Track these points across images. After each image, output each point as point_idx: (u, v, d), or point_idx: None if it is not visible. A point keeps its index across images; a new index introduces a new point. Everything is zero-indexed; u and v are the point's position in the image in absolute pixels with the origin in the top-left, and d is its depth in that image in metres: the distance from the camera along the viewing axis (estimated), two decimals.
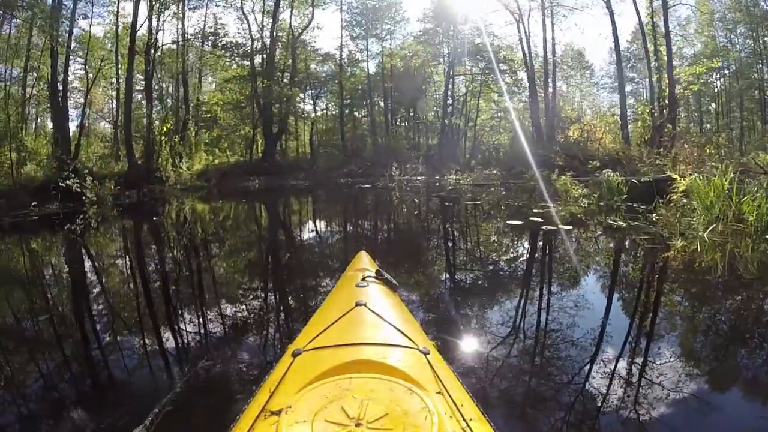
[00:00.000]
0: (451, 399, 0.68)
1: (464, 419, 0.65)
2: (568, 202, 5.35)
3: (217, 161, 14.09)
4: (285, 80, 15.22)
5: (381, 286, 1.19)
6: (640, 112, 8.99)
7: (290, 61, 15.61)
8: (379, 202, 7.80)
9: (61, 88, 10.12)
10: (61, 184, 7.31)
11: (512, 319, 1.96)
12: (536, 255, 3.27)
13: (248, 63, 14.89)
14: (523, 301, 2.21)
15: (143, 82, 12.79)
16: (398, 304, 1.15)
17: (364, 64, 19.67)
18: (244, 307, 2.24)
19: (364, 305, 0.96)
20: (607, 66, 20.71)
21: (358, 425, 0.60)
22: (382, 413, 0.62)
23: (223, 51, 14.75)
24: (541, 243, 3.52)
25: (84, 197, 7.39)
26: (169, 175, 10.78)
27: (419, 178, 12.32)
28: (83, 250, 3.97)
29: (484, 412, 0.72)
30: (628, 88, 18.33)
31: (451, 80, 17.96)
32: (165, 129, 11.37)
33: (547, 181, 6.38)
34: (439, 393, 0.70)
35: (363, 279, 1.19)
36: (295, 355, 0.80)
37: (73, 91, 16.25)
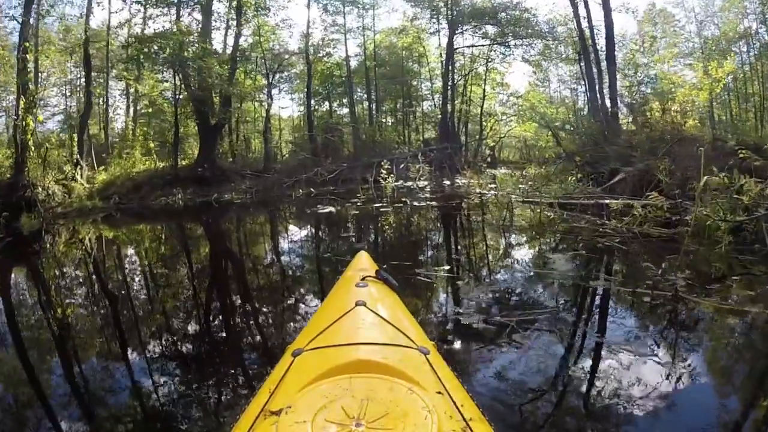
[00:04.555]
0: (451, 399, 0.95)
1: (464, 419, 0.90)
2: None
3: (140, 167, 13.85)
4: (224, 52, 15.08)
5: (381, 286, 1.57)
6: None
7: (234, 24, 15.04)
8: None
9: None
10: None
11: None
12: None
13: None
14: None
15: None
16: (398, 304, 1.52)
17: (340, 46, 20.27)
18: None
19: (364, 305, 1.30)
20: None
21: (358, 425, 0.84)
22: (382, 413, 0.87)
23: None
24: None
25: None
26: (52, 193, 10.29)
27: (421, 184, 11.51)
28: None
29: (484, 412, 1.01)
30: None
31: (451, 55, 18.80)
32: (30, 125, 10.19)
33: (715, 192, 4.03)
34: (439, 393, 0.97)
35: (363, 279, 1.56)
36: (295, 355, 1.11)
37: None
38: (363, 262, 1.89)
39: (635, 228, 4.41)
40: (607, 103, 12.65)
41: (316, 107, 22.11)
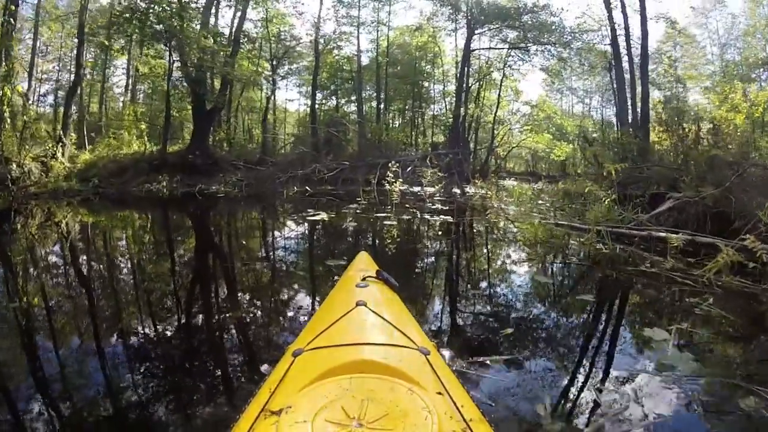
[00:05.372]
0: (451, 399, 1.02)
1: (464, 419, 0.96)
2: None
3: (128, 149, 13.85)
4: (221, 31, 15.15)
5: (381, 286, 1.68)
6: None
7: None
8: None
9: None
10: None
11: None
12: None
13: None
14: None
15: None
16: (398, 304, 1.62)
17: (352, 39, 20.59)
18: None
19: (365, 305, 1.39)
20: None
21: (358, 425, 0.90)
22: (382, 413, 0.93)
23: None
24: None
25: None
26: (28, 170, 10.26)
27: (430, 190, 11.17)
28: None
29: (484, 412, 1.08)
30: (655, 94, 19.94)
31: (468, 57, 18.99)
32: (6, 94, 10.22)
33: None
34: (439, 393, 1.03)
35: (363, 279, 1.66)
36: (295, 354, 1.19)
37: None
38: (363, 262, 2.00)
39: (710, 275, 3.52)
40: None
41: (324, 101, 22.40)
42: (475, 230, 6.96)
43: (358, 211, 8.09)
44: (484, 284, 4.02)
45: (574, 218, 6.47)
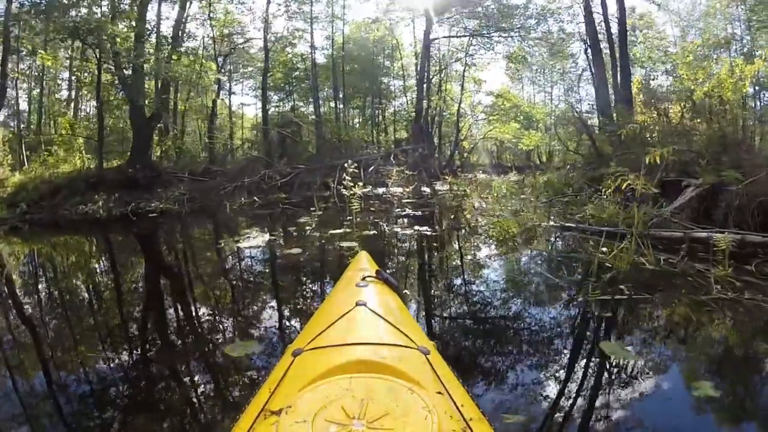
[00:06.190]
0: (451, 399, 1.09)
1: (464, 419, 1.02)
2: None
3: (65, 167, 13.25)
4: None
5: (381, 286, 1.76)
6: None
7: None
8: None
9: None
10: None
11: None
12: None
13: None
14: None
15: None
16: (398, 304, 1.70)
17: (305, 35, 20.50)
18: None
19: (364, 305, 1.47)
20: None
21: (358, 425, 0.96)
22: (382, 413, 0.99)
23: None
24: None
25: None
26: None
27: (396, 191, 10.81)
28: None
29: (484, 412, 1.15)
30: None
31: (428, 48, 19.25)
32: None
33: None
34: (439, 393, 1.10)
35: (363, 279, 1.74)
36: (295, 354, 1.25)
37: None
38: (363, 262, 2.08)
39: None
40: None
41: (280, 104, 22.22)
42: (462, 243, 5.99)
43: (308, 227, 6.97)
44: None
45: (571, 215, 5.98)
